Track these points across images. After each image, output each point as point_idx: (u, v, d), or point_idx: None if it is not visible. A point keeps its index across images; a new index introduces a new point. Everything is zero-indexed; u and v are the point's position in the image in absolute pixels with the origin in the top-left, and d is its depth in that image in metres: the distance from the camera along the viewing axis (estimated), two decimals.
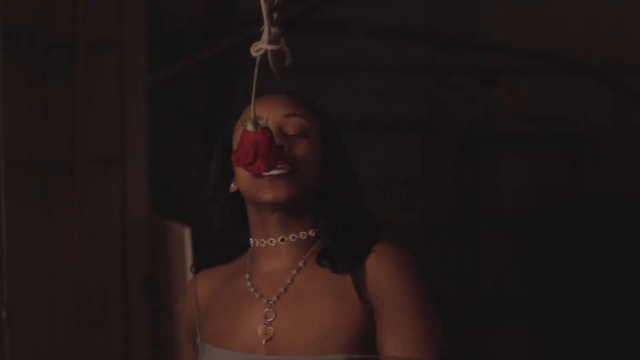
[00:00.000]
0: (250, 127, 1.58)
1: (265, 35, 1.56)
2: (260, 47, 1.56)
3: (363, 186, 1.74)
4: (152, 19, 3.60)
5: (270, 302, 1.67)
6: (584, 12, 5.00)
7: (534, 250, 5.13)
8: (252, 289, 1.69)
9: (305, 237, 1.69)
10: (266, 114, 1.65)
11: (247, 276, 1.70)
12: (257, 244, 1.70)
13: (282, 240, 1.69)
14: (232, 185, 1.73)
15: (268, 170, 1.59)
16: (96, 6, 3.23)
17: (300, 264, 1.68)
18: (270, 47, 1.56)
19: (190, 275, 1.82)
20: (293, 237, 1.69)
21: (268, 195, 1.64)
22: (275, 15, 1.56)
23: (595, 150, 5.15)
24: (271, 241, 1.69)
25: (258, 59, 1.57)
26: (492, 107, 5.14)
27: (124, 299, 3.31)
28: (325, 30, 4.83)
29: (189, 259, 3.15)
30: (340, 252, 1.66)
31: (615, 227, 5.07)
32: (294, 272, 1.67)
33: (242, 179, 1.67)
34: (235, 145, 1.70)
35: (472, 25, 5.10)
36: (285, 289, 1.67)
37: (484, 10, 5.10)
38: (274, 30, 1.56)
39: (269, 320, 1.65)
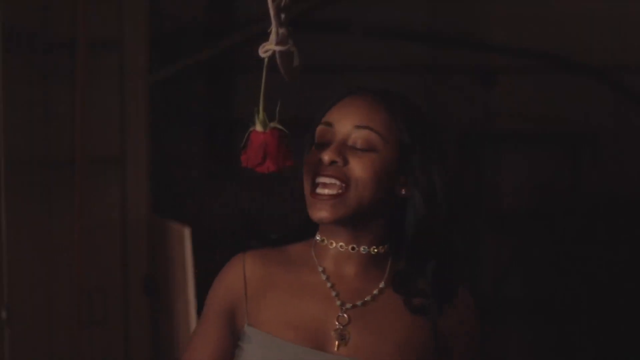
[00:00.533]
0: (259, 128, 1.57)
1: (273, 36, 1.56)
2: (268, 48, 1.56)
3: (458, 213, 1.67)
4: (152, 19, 3.60)
5: (346, 307, 1.63)
6: (584, 12, 5.00)
7: (534, 250, 5.13)
8: (329, 286, 1.64)
9: (375, 252, 1.66)
10: (335, 120, 1.63)
11: (321, 269, 1.66)
12: (325, 243, 1.67)
13: (353, 249, 1.65)
14: None
15: (278, 170, 1.58)
16: (96, 6, 3.22)
17: (382, 285, 1.65)
18: (278, 48, 1.56)
19: (190, 275, 1.80)
20: (364, 249, 1.66)
21: (314, 214, 1.63)
22: (282, 16, 1.56)
23: (595, 150, 5.15)
24: (341, 246, 1.66)
25: (266, 60, 1.57)
26: (492, 107, 5.14)
27: (124, 299, 3.31)
28: (325, 30, 4.83)
29: (189, 259, 3.15)
30: (411, 281, 1.64)
31: (615, 227, 5.07)
32: (376, 292, 1.65)
33: (304, 188, 1.66)
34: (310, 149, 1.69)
35: (472, 25, 5.10)
36: (364, 304, 1.64)
37: (484, 10, 5.10)
38: (281, 31, 1.56)
39: (343, 324, 1.62)
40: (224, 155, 4.72)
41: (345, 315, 1.62)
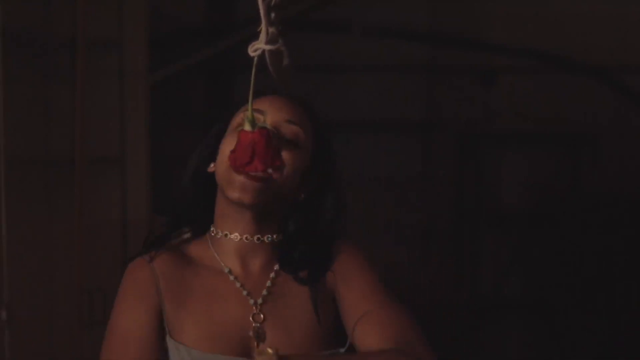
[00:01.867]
0: (247, 127, 1.57)
1: (262, 36, 1.56)
2: (257, 47, 1.56)
3: (358, 188, 1.76)
4: (152, 19, 3.60)
5: (259, 303, 1.66)
6: (584, 12, 5.00)
7: (534, 250, 5.13)
8: (238, 286, 1.66)
9: (276, 240, 1.70)
10: (269, 111, 1.66)
11: (227, 269, 1.67)
12: (227, 237, 1.68)
13: (258, 239, 1.68)
14: (212, 165, 1.72)
15: (265, 169, 1.59)
16: (96, 6, 3.22)
17: (276, 267, 1.69)
18: (267, 47, 1.56)
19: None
20: (268, 239, 1.68)
21: (234, 193, 1.62)
22: (273, 15, 1.56)
23: (595, 150, 5.15)
24: (247, 237, 1.67)
25: (255, 59, 1.57)
26: (492, 107, 5.14)
27: None
28: (325, 30, 4.83)
29: None
30: (300, 261, 1.68)
31: (615, 227, 5.07)
32: (272, 275, 1.68)
33: (220, 164, 1.66)
34: (231, 126, 1.70)
35: (472, 25, 5.10)
36: (268, 292, 1.67)
37: (484, 10, 5.10)
38: (271, 30, 1.56)
39: (259, 322, 1.64)
40: None
41: (260, 314, 1.65)
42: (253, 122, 1.58)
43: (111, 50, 3.33)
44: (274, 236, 1.69)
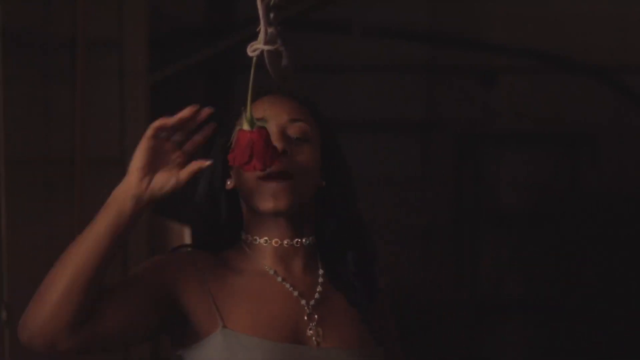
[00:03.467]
0: (246, 127, 1.57)
1: (261, 36, 1.56)
2: (256, 47, 1.56)
3: (358, 188, 1.74)
4: (152, 19, 3.60)
5: (311, 304, 1.65)
6: (584, 12, 5.00)
7: (533, 250, 5.14)
8: (288, 287, 1.65)
9: (307, 242, 1.68)
10: (271, 115, 1.65)
11: (272, 271, 1.65)
12: (267, 243, 1.66)
13: (298, 243, 1.67)
14: (228, 182, 1.70)
15: (264, 169, 1.58)
16: (96, 6, 3.22)
17: (320, 272, 1.69)
18: (266, 48, 1.56)
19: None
20: (306, 241, 1.68)
21: (269, 204, 1.62)
22: (272, 15, 1.56)
23: (595, 150, 5.16)
24: (287, 242, 1.67)
25: (254, 59, 1.56)
26: (492, 107, 5.15)
27: None
28: (325, 30, 4.84)
29: None
30: (345, 275, 1.68)
31: (614, 226, 5.07)
32: (320, 279, 1.68)
33: (243, 183, 1.65)
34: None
35: (472, 25, 5.10)
36: (319, 294, 1.66)
37: (484, 10, 5.10)
38: (270, 30, 1.56)
39: (314, 322, 1.64)
40: None
41: (315, 315, 1.64)
42: (252, 122, 1.57)
43: (111, 50, 3.32)
44: (310, 238, 1.69)
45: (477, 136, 5.20)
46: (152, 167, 1.55)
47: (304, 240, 1.68)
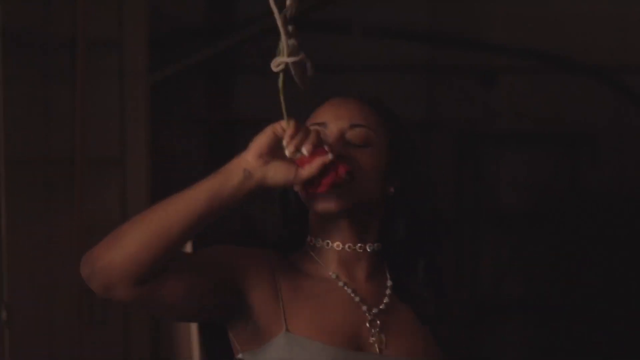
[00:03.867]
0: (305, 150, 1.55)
1: (284, 49, 1.55)
2: (280, 62, 1.56)
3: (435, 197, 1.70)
4: (152, 19, 3.60)
5: (373, 312, 1.62)
6: (584, 12, 5.00)
7: (533, 250, 5.14)
8: (349, 292, 1.63)
9: (371, 249, 1.66)
10: (331, 119, 1.64)
11: (334, 275, 1.63)
12: (329, 246, 1.64)
13: (361, 248, 1.65)
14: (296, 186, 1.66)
15: (330, 189, 1.56)
16: (96, 6, 3.23)
17: (389, 283, 1.66)
18: (290, 60, 1.56)
19: None
20: (370, 247, 1.65)
21: (317, 206, 1.60)
22: (291, 27, 1.55)
23: (595, 150, 5.15)
24: (349, 247, 1.64)
25: (281, 76, 1.57)
26: (492, 107, 5.14)
27: None
28: (325, 30, 4.83)
29: None
30: (415, 287, 1.67)
31: (614, 226, 5.07)
32: (388, 291, 1.65)
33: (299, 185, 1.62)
34: None
35: (472, 25, 5.10)
36: (385, 306, 1.63)
37: (484, 10, 5.10)
38: (291, 42, 1.55)
39: (376, 329, 1.62)
40: (224, 155, 4.71)
41: (377, 320, 1.62)
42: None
43: (111, 50, 3.33)
44: (375, 245, 1.65)
45: (477, 136, 5.20)
46: (272, 153, 1.53)
47: (367, 246, 1.65)
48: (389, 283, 1.66)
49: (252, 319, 1.60)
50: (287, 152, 1.53)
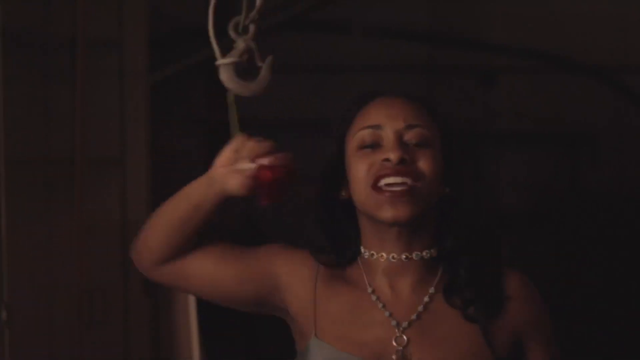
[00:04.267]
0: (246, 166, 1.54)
1: (216, 51, 1.56)
2: (221, 63, 1.56)
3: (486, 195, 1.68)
4: (152, 19, 3.60)
5: (403, 327, 1.58)
6: (584, 12, 5.00)
7: (533, 250, 5.13)
8: (380, 306, 1.59)
9: (428, 256, 1.61)
10: (386, 121, 1.60)
11: (370, 290, 1.60)
12: (374, 257, 1.61)
13: (406, 258, 1.60)
14: (343, 193, 1.64)
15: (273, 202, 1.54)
16: (96, 6, 3.22)
17: (431, 290, 1.61)
18: (222, 62, 1.56)
19: None
20: (417, 255, 1.60)
21: (387, 213, 1.56)
22: (251, 28, 1.54)
23: (595, 150, 5.15)
24: (393, 257, 1.60)
25: (230, 94, 1.58)
26: (492, 107, 5.14)
27: (124, 299, 3.31)
28: (325, 30, 4.83)
29: None
30: (467, 292, 1.60)
31: (614, 226, 5.07)
32: (426, 299, 1.60)
33: (359, 191, 1.59)
34: (350, 148, 1.62)
35: (472, 25, 5.10)
36: (418, 316, 1.59)
37: (484, 10, 5.10)
38: (239, 44, 1.55)
39: (403, 346, 1.57)
40: None
41: (403, 336, 1.57)
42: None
43: (111, 50, 3.33)
44: (424, 252, 1.60)
45: (477, 136, 5.20)
46: (234, 163, 1.58)
47: (414, 254, 1.60)
48: (432, 290, 1.61)
49: (291, 318, 1.63)
50: (239, 165, 1.55)
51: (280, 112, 4.62)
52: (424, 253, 1.60)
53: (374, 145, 1.60)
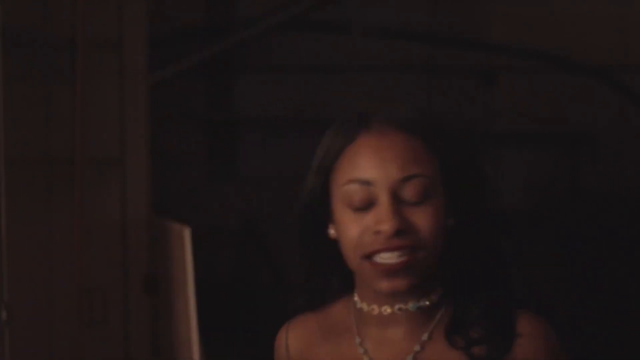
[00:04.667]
0: None
1: None
2: None
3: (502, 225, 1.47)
4: (152, 19, 3.60)
5: None
6: (584, 12, 5.00)
7: (533, 250, 5.13)
8: (366, 359, 1.44)
9: (427, 304, 1.42)
10: (378, 175, 1.37)
11: (358, 340, 1.45)
12: (365, 309, 1.44)
13: (400, 309, 1.42)
14: (331, 231, 1.44)
15: None
16: (96, 6, 3.23)
17: (424, 337, 1.42)
18: None
19: (190, 275, 1.74)
20: (413, 307, 1.42)
21: (383, 285, 1.37)
22: None
23: (595, 150, 5.15)
24: (385, 310, 1.42)
25: None
26: (492, 107, 5.14)
27: (124, 299, 3.31)
28: (325, 30, 4.84)
29: (189, 259, 3.15)
30: (480, 332, 1.41)
31: (614, 226, 5.07)
32: (417, 348, 1.42)
33: (350, 257, 1.41)
34: (337, 195, 1.40)
35: (472, 25, 5.10)
36: None
37: (484, 10, 5.10)
38: None
39: None
40: (224, 155, 4.72)
41: None
42: None
43: (111, 51, 3.33)
44: (421, 302, 1.40)
45: (477, 136, 5.20)
46: None
47: (410, 305, 1.42)
48: (425, 337, 1.41)
49: None
50: None
51: (280, 112, 4.63)
52: (421, 302, 1.42)
53: (366, 206, 1.38)
